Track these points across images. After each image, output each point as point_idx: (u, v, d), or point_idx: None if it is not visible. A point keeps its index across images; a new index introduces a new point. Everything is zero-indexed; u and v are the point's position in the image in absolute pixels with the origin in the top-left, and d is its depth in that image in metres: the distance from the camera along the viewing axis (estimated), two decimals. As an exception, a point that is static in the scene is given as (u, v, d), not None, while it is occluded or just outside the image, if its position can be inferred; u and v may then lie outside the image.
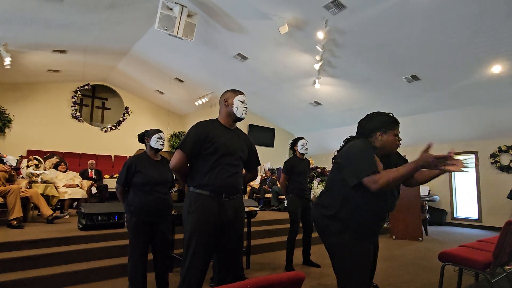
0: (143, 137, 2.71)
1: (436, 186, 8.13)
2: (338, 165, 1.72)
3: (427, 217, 6.71)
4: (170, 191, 2.80)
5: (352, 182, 1.58)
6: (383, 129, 1.73)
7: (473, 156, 6.28)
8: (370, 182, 1.52)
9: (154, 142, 2.61)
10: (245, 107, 1.98)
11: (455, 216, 7.89)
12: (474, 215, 7.59)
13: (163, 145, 2.65)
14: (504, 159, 7.20)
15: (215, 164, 1.84)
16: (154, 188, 2.51)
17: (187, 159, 1.88)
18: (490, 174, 7.38)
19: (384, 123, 1.75)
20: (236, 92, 1.99)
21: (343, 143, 1.83)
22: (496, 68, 5.49)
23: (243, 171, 2.12)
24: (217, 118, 2.00)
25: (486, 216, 7.36)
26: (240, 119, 1.98)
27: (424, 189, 7.63)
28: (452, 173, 7.97)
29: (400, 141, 1.77)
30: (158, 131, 2.67)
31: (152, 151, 2.65)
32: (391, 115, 1.80)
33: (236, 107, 1.94)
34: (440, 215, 7.90)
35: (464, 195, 7.92)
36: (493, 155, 7.32)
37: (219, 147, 1.85)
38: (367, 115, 1.82)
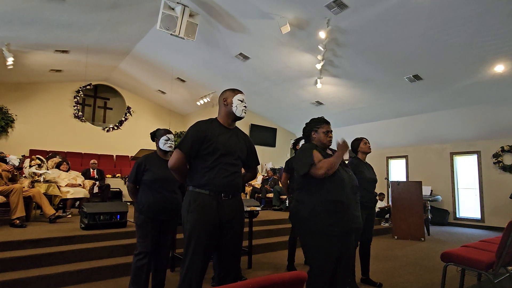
0: (154, 136, 2.72)
1: (438, 186, 8.11)
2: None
3: (429, 217, 6.69)
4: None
5: (301, 172, 2.00)
6: (314, 129, 2.14)
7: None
8: (314, 171, 1.95)
9: (162, 144, 2.63)
10: (245, 106, 1.97)
11: (457, 216, 7.86)
12: (477, 215, 7.56)
13: (171, 147, 2.65)
14: (507, 159, 7.17)
15: (214, 163, 1.84)
16: (162, 185, 2.53)
17: (185, 159, 1.88)
18: (492, 174, 7.35)
19: (314, 124, 2.15)
20: (235, 91, 1.99)
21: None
22: (499, 68, 5.47)
23: (242, 170, 2.12)
24: (216, 118, 2.00)
25: (488, 216, 7.33)
26: (239, 118, 1.98)
27: (426, 189, 7.60)
28: (454, 173, 7.97)
29: (331, 137, 2.12)
30: (167, 132, 2.67)
31: (161, 151, 2.67)
32: (322, 117, 2.18)
33: (236, 106, 1.94)
34: (443, 215, 7.87)
35: (467, 195, 7.89)
36: (495, 155, 7.29)
37: (218, 147, 1.85)
38: (306, 123, 2.22)
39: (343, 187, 1.97)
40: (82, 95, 10.05)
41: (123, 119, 10.86)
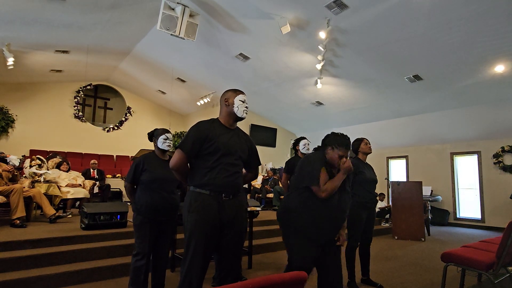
0: (152, 136, 2.72)
1: (438, 186, 8.10)
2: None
3: (430, 217, 6.68)
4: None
5: (303, 184, 2.05)
6: (333, 146, 2.08)
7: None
8: (317, 191, 2.00)
9: (160, 143, 2.62)
10: (246, 107, 1.97)
11: (457, 216, 7.86)
12: (477, 215, 7.56)
13: (170, 146, 2.66)
14: (507, 159, 7.17)
15: (215, 163, 1.84)
16: (161, 186, 2.53)
17: (186, 159, 1.88)
18: (493, 174, 7.35)
19: (336, 142, 2.08)
20: (237, 92, 1.99)
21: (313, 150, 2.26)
22: (499, 68, 5.47)
23: (244, 170, 2.12)
24: (217, 118, 2.00)
25: (489, 217, 7.33)
26: (241, 119, 1.98)
27: (426, 189, 7.61)
28: (455, 173, 7.96)
29: (344, 162, 2.04)
30: (166, 131, 2.67)
31: (159, 151, 2.67)
32: (347, 139, 2.11)
33: (237, 106, 1.94)
34: (443, 215, 7.87)
35: (467, 195, 7.89)
36: (496, 155, 7.29)
37: (219, 146, 1.85)
38: (332, 133, 2.16)
39: (330, 204, 2.04)
40: (82, 95, 10.06)
41: (123, 119, 10.86)
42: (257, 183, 8.45)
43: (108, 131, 10.52)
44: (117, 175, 8.46)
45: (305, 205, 2.04)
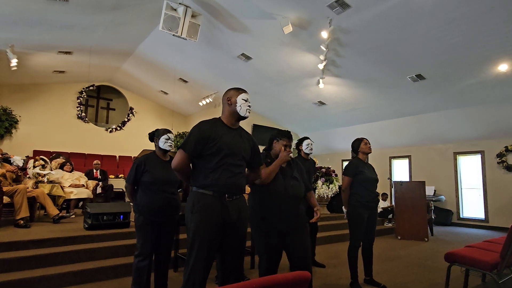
0: (153, 136, 2.72)
1: (441, 186, 8.07)
2: None
3: (433, 217, 6.65)
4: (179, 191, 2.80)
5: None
6: (277, 138, 2.27)
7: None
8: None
9: (162, 143, 2.62)
10: (249, 106, 1.94)
11: (461, 216, 7.82)
12: (481, 215, 7.51)
13: (171, 146, 2.66)
14: (511, 159, 7.13)
15: (218, 164, 1.83)
16: (161, 187, 2.52)
17: (189, 159, 1.87)
18: (496, 174, 7.31)
19: (278, 133, 2.28)
20: (239, 91, 1.96)
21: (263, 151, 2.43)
22: (503, 67, 5.44)
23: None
24: (219, 117, 1.97)
25: (492, 216, 7.29)
26: (243, 118, 1.95)
27: (429, 189, 7.57)
28: (458, 173, 7.91)
29: (289, 152, 2.19)
30: (167, 131, 2.67)
31: (160, 151, 2.66)
32: (287, 131, 2.26)
33: (240, 105, 1.91)
34: (446, 215, 7.83)
35: (470, 195, 7.85)
36: (499, 155, 7.25)
37: (222, 147, 1.83)
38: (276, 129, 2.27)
39: (277, 193, 2.15)
40: (85, 96, 10.12)
41: (126, 119, 10.90)
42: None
43: (110, 131, 10.56)
44: (120, 176, 8.50)
45: (259, 203, 2.19)
